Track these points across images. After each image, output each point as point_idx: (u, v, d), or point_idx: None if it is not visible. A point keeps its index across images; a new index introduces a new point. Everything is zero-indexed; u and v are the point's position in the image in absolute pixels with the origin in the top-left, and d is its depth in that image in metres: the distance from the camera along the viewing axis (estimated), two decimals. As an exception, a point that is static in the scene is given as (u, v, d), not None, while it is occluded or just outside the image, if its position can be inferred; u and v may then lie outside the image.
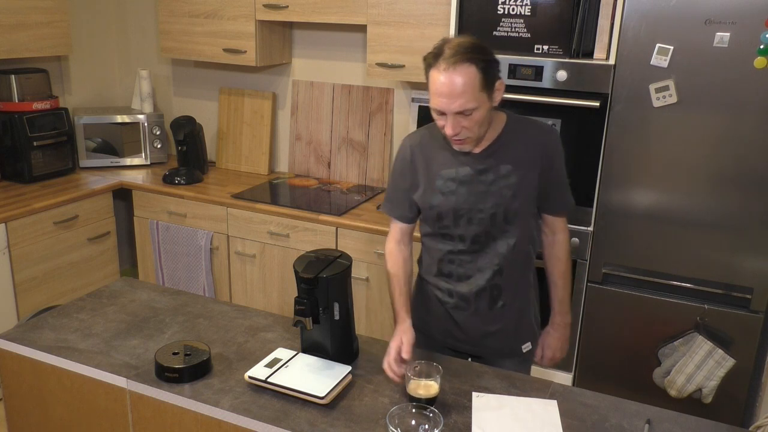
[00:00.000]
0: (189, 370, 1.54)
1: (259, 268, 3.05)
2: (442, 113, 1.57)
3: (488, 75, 1.56)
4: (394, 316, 1.76)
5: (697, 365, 2.21)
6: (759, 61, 2.01)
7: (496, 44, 2.38)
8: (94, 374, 1.60)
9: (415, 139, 1.80)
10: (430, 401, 1.46)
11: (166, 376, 1.54)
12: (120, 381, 1.57)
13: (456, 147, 1.66)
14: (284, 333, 1.79)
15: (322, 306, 1.56)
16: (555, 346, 1.91)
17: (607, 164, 2.29)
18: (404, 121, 3.18)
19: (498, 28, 2.37)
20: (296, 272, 1.58)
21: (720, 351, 2.18)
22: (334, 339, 1.61)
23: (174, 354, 1.59)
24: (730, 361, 2.18)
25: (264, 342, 1.74)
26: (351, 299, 1.64)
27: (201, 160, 3.40)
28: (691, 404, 2.27)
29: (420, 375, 1.49)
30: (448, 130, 1.58)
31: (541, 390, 1.58)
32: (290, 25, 3.34)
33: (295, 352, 1.65)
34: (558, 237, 1.83)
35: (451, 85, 1.52)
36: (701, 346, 2.21)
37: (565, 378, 2.54)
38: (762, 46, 2.00)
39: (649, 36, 2.13)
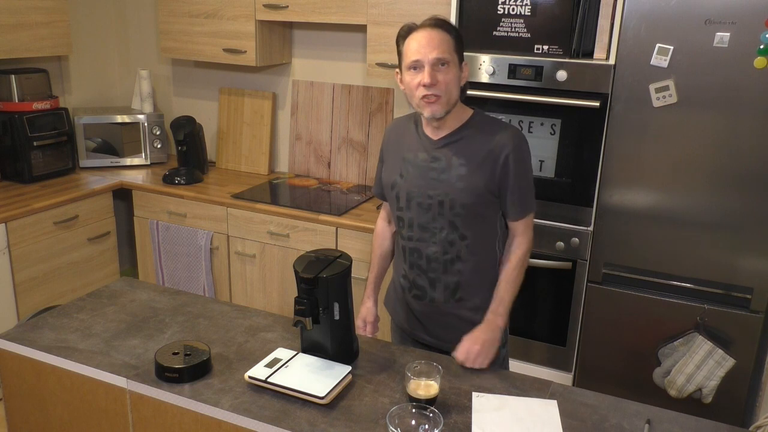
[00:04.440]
0: (189, 370, 1.54)
1: (259, 268, 3.05)
2: (418, 64, 1.64)
3: (459, 45, 1.68)
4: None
5: (697, 365, 2.21)
6: (759, 61, 2.01)
7: (496, 44, 2.38)
8: (94, 374, 1.60)
9: (395, 122, 1.90)
10: (430, 401, 1.46)
11: (166, 376, 1.54)
12: (120, 381, 1.57)
13: (427, 111, 1.67)
14: (284, 333, 1.79)
15: (322, 306, 1.56)
16: (468, 347, 1.67)
17: (606, 164, 2.29)
18: (404, 121, 3.18)
19: (498, 28, 2.37)
20: (296, 272, 1.58)
21: (720, 351, 2.18)
22: (334, 339, 1.61)
23: (174, 354, 1.59)
24: (730, 361, 2.18)
25: (264, 342, 1.74)
26: (351, 299, 1.64)
27: (201, 160, 3.40)
28: (691, 404, 2.27)
29: (420, 375, 1.49)
30: (426, 79, 1.62)
31: (541, 390, 1.58)
32: (290, 25, 3.34)
33: (295, 352, 1.65)
34: (514, 241, 1.79)
35: (429, 38, 1.63)
36: (701, 346, 2.21)
37: (565, 378, 2.54)
38: (762, 46, 2.00)
39: (649, 36, 2.13)
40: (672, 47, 2.11)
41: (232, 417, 1.45)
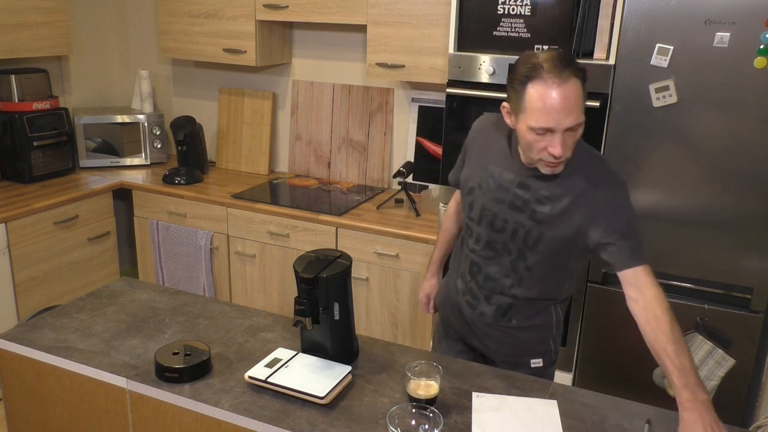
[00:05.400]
0: (189, 370, 1.54)
1: (259, 268, 3.05)
2: (548, 131, 1.42)
3: (585, 88, 1.45)
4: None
5: (697, 365, 2.21)
6: (759, 61, 2.01)
7: (496, 44, 2.38)
8: (94, 374, 1.60)
9: (483, 123, 1.77)
10: (430, 401, 1.46)
11: (166, 376, 1.54)
12: (120, 381, 1.57)
13: (546, 171, 1.51)
14: (284, 333, 1.79)
15: (322, 306, 1.56)
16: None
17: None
18: (404, 121, 3.18)
19: (498, 28, 2.37)
20: (296, 272, 1.58)
21: (720, 351, 2.18)
22: (334, 339, 1.61)
23: (174, 354, 1.59)
24: (729, 361, 2.18)
25: (264, 342, 1.74)
26: (351, 299, 1.64)
27: (201, 160, 3.40)
28: (691, 404, 2.27)
29: (420, 375, 1.49)
30: (557, 151, 1.43)
31: (541, 390, 1.58)
32: (290, 25, 3.34)
33: (295, 352, 1.65)
34: (647, 294, 1.50)
35: (565, 99, 1.38)
36: (701, 346, 2.21)
37: (565, 378, 2.54)
38: (762, 46, 2.00)
39: (649, 36, 2.13)
40: (672, 47, 2.11)
41: (232, 417, 1.45)
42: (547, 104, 1.39)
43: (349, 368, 1.57)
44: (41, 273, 2.94)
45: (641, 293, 1.51)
